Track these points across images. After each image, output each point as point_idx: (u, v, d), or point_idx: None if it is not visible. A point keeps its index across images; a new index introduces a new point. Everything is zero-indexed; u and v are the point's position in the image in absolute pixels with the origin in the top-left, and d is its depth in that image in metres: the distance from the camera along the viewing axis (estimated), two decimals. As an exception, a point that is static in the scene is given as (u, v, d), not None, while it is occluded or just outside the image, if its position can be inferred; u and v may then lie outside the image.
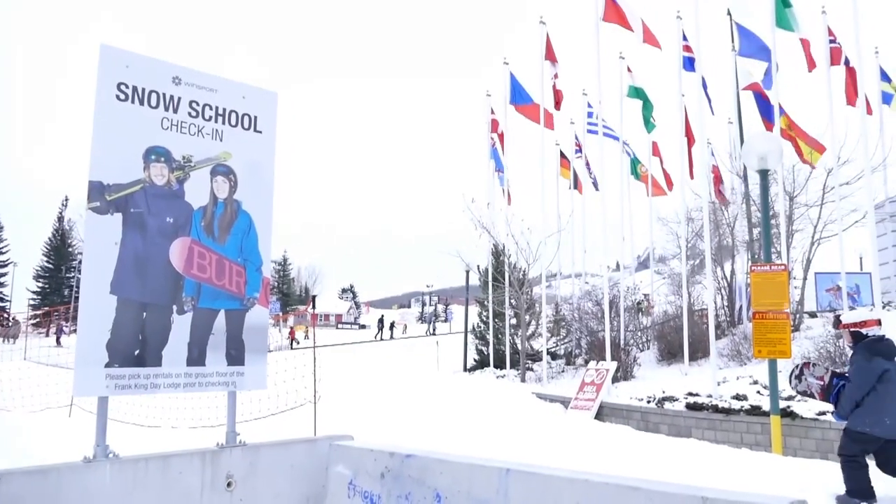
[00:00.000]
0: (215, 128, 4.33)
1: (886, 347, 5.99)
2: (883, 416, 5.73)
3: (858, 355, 6.00)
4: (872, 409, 5.77)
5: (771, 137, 8.98)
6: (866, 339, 6.02)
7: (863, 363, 5.90)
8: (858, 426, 5.84)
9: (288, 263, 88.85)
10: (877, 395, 5.78)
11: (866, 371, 5.84)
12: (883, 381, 5.78)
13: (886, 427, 5.71)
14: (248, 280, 4.38)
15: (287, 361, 11.36)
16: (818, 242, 15.86)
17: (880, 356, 5.88)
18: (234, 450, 4.06)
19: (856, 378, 5.93)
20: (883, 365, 5.81)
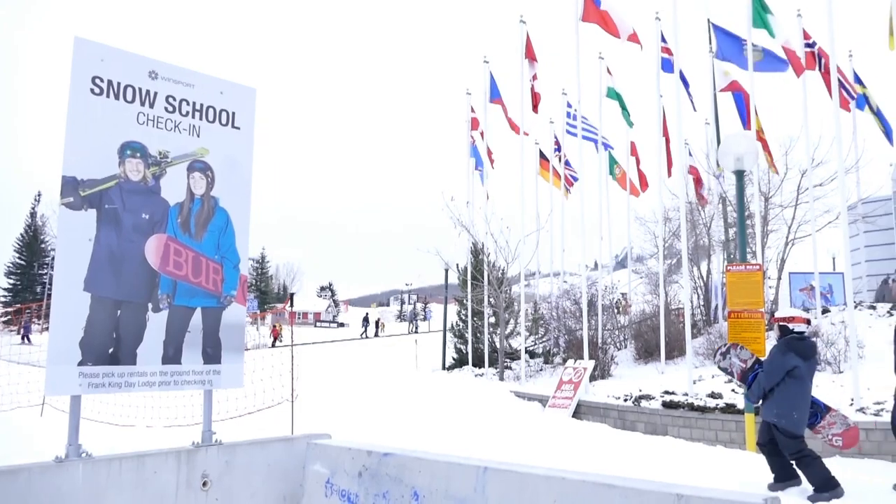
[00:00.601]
0: (192, 123, 4.28)
1: (805, 347, 6.30)
2: (791, 410, 6.08)
3: (777, 349, 6.37)
4: (780, 402, 6.13)
5: (747, 138, 9.08)
6: (790, 335, 6.34)
7: (777, 356, 6.26)
8: (771, 419, 6.19)
9: (266, 261, 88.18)
10: (785, 388, 6.14)
11: (778, 363, 6.19)
12: (792, 376, 6.12)
13: (794, 421, 6.07)
14: (225, 277, 4.34)
15: (264, 360, 11.28)
16: (792, 243, 16.10)
17: (795, 352, 6.20)
18: (210, 449, 4.03)
19: (768, 368, 6.31)
20: (794, 361, 6.14)
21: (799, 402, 6.13)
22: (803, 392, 6.19)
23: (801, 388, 6.16)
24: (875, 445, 7.61)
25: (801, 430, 6.13)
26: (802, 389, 6.18)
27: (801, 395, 6.17)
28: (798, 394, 6.14)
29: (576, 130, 16.27)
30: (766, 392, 6.26)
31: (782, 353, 6.23)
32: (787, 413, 6.09)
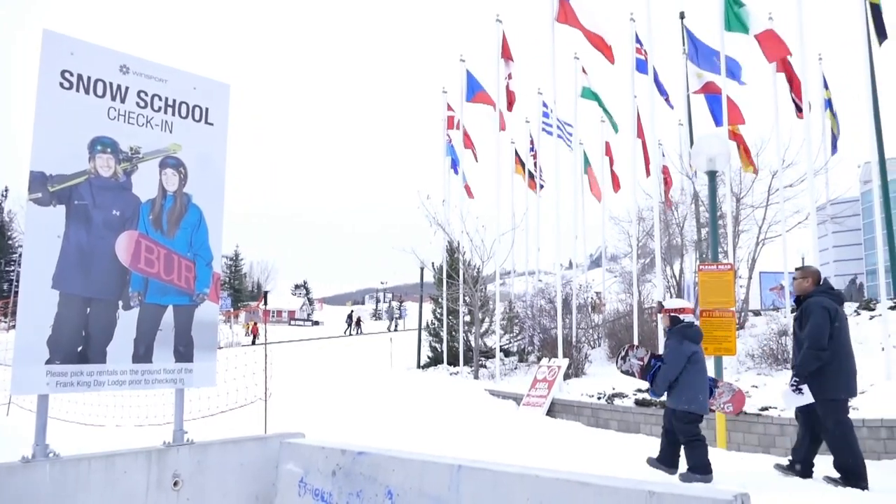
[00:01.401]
0: (165, 119, 4.22)
1: (694, 333, 6.75)
2: (697, 393, 6.46)
3: (672, 339, 6.69)
4: (687, 388, 6.47)
5: (719, 140, 9.20)
6: (680, 324, 6.70)
7: (676, 346, 6.59)
8: (681, 406, 6.48)
9: (240, 258, 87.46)
10: (688, 375, 6.49)
11: (678, 353, 6.53)
12: (692, 361, 6.50)
13: (701, 403, 6.47)
14: (197, 275, 4.29)
15: (237, 358, 11.18)
16: (763, 243, 16.35)
17: (689, 340, 6.60)
18: (182, 448, 3.98)
19: (669, 359, 6.60)
20: (692, 347, 6.55)
21: (702, 385, 6.55)
22: (703, 375, 6.60)
23: (701, 372, 6.57)
24: (841, 442, 7.75)
25: (705, 409, 6.54)
26: (702, 373, 6.58)
27: (702, 379, 6.59)
28: (700, 378, 6.55)
29: (551, 128, 16.36)
30: (671, 382, 6.57)
31: (679, 343, 6.59)
32: (695, 397, 6.46)
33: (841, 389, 6.09)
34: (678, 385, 6.51)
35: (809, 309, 6.17)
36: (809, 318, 6.13)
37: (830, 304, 6.14)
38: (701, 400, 6.48)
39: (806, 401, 6.10)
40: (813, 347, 5.99)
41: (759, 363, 11.07)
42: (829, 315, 6.04)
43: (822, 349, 5.97)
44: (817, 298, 6.20)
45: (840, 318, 6.16)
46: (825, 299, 6.18)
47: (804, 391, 6.06)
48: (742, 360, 11.17)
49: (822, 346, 5.97)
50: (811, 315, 6.11)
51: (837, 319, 6.11)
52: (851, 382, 6.16)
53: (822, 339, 5.98)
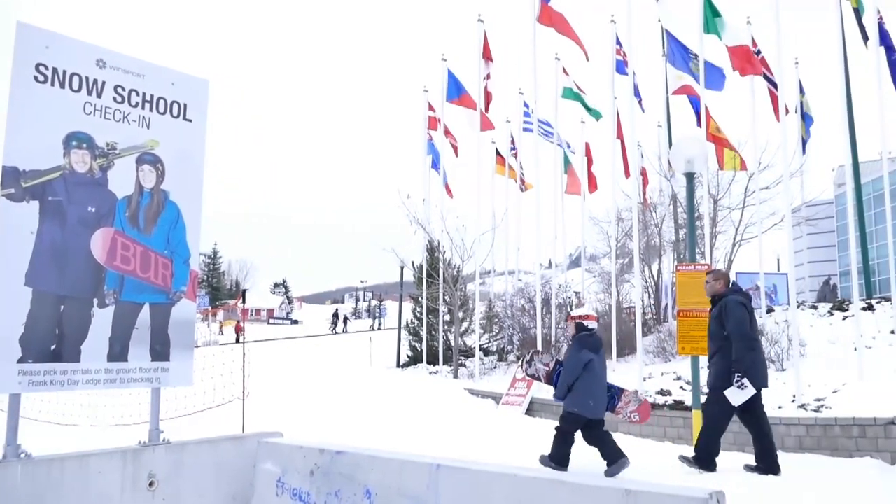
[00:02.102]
0: (142, 114, 4.18)
1: (594, 342, 7.12)
2: (588, 399, 6.83)
3: (572, 347, 7.13)
4: (580, 393, 6.86)
5: (698, 141, 9.29)
6: (582, 332, 7.11)
7: (574, 354, 7.01)
8: (571, 408, 6.90)
9: (218, 256, 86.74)
10: (583, 381, 6.86)
11: (576, 361, 6.93)
12: (588, 369, 6.88)
13: (590, 408, 6.84)
14: (174, 273, 4.25)
15: (215, 357, 11.09)
16: (739, 244, 16.54)
17: (587, 348, 6.98)
18: (158, 448, 3.94)
19: (567, 366, 7.05)
20: (589, 356, 6.92)
21: (595, 390, 6.92)
22: (598, 382, 6.98)
23: (595, 379, 6.94)
24: (815, 441, 7.87)
25: (598, 414, 6.92)
26: (596, 380, 6.96)
27: (597, 385, 6.97)
28: (593, 384, 6.92)
29: (532, 127, 16.41)
30: (570, 387, 6.93)
31: (577, 351, 6.98)
32: (585, 402, 6.83)
33: (756, 381, 6.46)
34: (573, 390, 6.92)
35: (728, 307, 6.59)
36: (730, 315, 6.54)
37: (745, 300, 6.70)
38: (591, 405, 6.85)
39: (750, 393, 6.41)
40: (742, 340, 6.42)
41: (735, 363, 11.20)
42: (746, 310, 6.56)
43: (752, 339, 6.47)
44: (733, 297, 6.69)
45: (753, 315, 6.68)
46: (740, 297, 6.72)
47: (746, 384, 6.39)
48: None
49: (751, 336, 6.47)
50: (731, 312, 6.54)
51: (751, 316, 6.63)
52: (760, 375, 6.54)
53: (746, 330, 6.46)
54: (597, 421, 6.94)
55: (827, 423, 7.85)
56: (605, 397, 7.14)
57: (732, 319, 6.52)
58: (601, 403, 7.01)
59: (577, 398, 6.87)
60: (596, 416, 6.91)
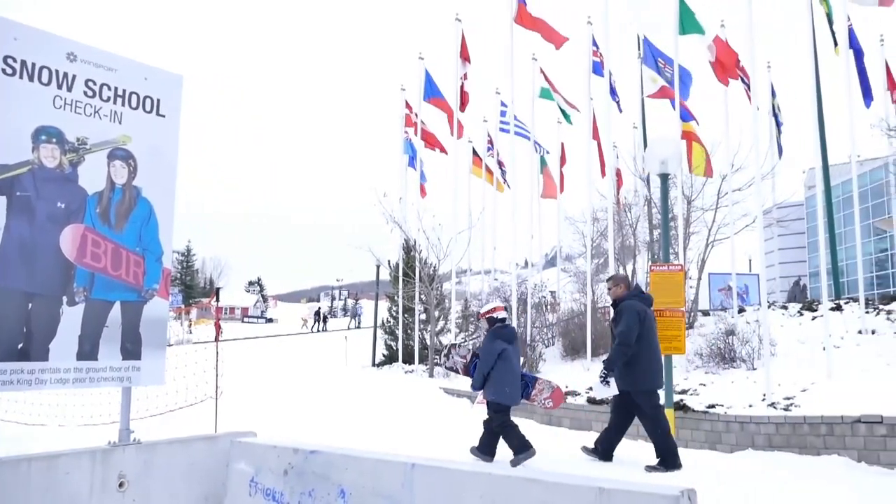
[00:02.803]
0: (114, 109, 4.11)
1: (508, 332, 7.50)
2: (504, 386, 7.20)
3: (487, 338, 7.46)
4: (496, 382, 7.21)
5: (672, 143, 9.39)
6: (496, 325, 7.46)
7: (488, 345, 7.35)
8: (492, 397, 7.24)
9: (192, 254, 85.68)
10: (498, 371, 7.21)
11: (490, 351, 7.28)
12: (502, 358, 7.22)
13: (507, 395, 7.21)
14: (146, 270, 4.19)
15: (188, 356, 10.96)
16: (712, 245, 16.73)
17: (501, 339, 7.34)
18: (128, 448, 3.88)
19: (482, 356, 7.38)
20: (502, 346, 7.27)
21: (509, 379, 7.25)
22: (512, 371, 7.31)
23: (510, 368, 7.28)
24: (784, 439, 8.00)
25: (514, 401, 7.30)
26: (511, 369, 7.30)
27: (511, 373, 7.29)
28: (508, 373, 7.25)
29: (508, 128, 16.47)
30: (486, 376, 7.26)
31: (491, 342, 7.33)
32: (501, 389, 7.18)
33: (652, 381, 6.96)
34: (490, 379, 7.24)
35: (623, 311, 6.98)
36: (621, 319, 6.93)
37: (640, 306, 7.00)
38: (507, 392, 7.20)
39: (612, 391, 6.95)
40: (622, 344, 6.83)
41: (708, 362, 11.33)
42: (638, 317, 6.88)
43: (629, 345, 6.81)
44: (630, 302, 7.02)
45: (648, 318, 7.04)
46: (636, 302, 7.03)
47: (611, 383, 6.92)
48: (691, 358, 11.42)
49: (629, 343, 6.81)
50: (623, 316, 6.92)
51: (646, 320, 6.98)
52: (658, 375, 7.07)
53: (630, 337, 6.80)
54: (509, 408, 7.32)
55: (796, 422, 7.99)
56: (520, 385, 7.50)
57: (622, 323, 6.89)
58: (516, 391, 7.37)
59: (494, 387, 7.21)
60: (512, 403, 7.29)
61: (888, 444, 7.31)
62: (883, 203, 24.23)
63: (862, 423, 7.50)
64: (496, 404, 7.22)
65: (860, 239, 12.60)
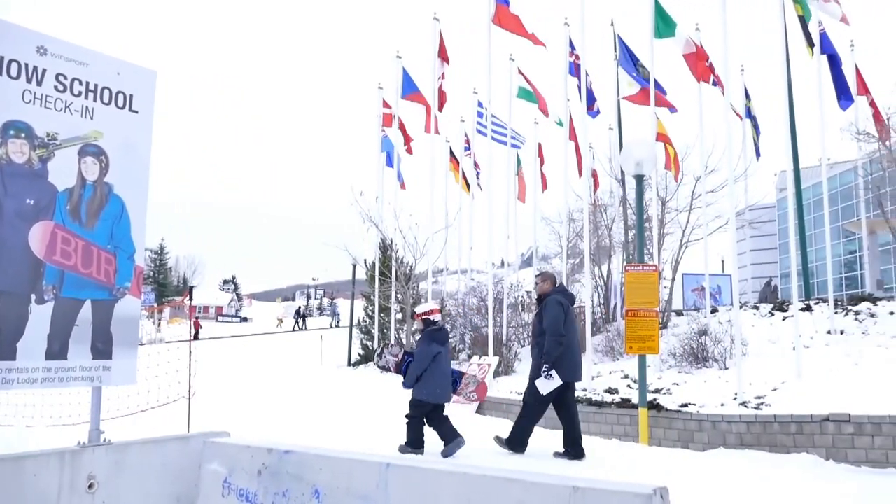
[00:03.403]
0: (85, 104, 4.04)
1: (442, 335, 7.85)
2: (436, 387, 7.55)
3: (422, 341, 7.77)
4: (428, 383, 7.54)
5: (647, 145, 9.48)
6: (431, 327, 7.77)
7: (424, 347, 7.67)
8: (419, 396, 7.57)
9: (165, 252, 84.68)
10: (431, 372, 7.56)
11: (425, 353, 7.60)
12: (435, 361, 7.57)
13: (437, 395, 7.58)
14: (118, 268, 4.13)
15: (160, 355, 10.83)
16: (686, 245, 16.95)
17: (436, 342, 7.68)
18: (98, 449, 3.82)
19: (417, 358, 7.68)
20: (437, 349, 7.63)
21: (441, 379, 7.64)
22: (444, 372, 7.70)
23: (442, 370, 7.66)
24: (755, 437, 8.12)
25: (444, 399, 7.69)
26: (443, 370, 7.68)
27: (443, 375, 7.68)
28: (440, 375, 7.64)
29: (486, 129, 16.49)
30: (419, 376, 7.59)
31: (427, 344, 7.66)
32: (433, 390, 7.54)
33: (566, 374, 7.21)
34: (422, 379, 7.57)
35: (547, 306, 7.28)
36: (547, 313, 7.21)
37: (563, 300, 7.33)
38: (438, 393, 7.60)
39: (556, 384, 7.14)
40: (554, 335, 7.09)
41: (681, 361, 11.46)
42: (562, 308, 7.20)
43: (561, 335, 7.09)
44: (553, 296, 7.33)
45: (570, 314, 7.34)
46: (560, 297, 7.35)
47: (553, 376, 7.13)
48: (664, 358, 11.54)
49: (561, 333, 7.09)
50: (548, 310, 7.21)
51: (568, 315, 7.28)
52: (576, 369, 7.40)
53: (559, 327, 7.11)
54: (440, 405, 7.69)
55: (766, 420, 8.11)
56: (450, 385, 7.89)
57: (548, 316, 7.17)
58: (446, 390, 7.77)
59: (426, 387, 7.55)
60: (442, 402, 7.68)
61: (855, 442, 7.45)
62: (852, 206, 24.70)
63: (830, 421, 7.64)
64: (421, 402, 7.58)
65: (830, 241, 12.83)
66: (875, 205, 15.53)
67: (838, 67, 13.84)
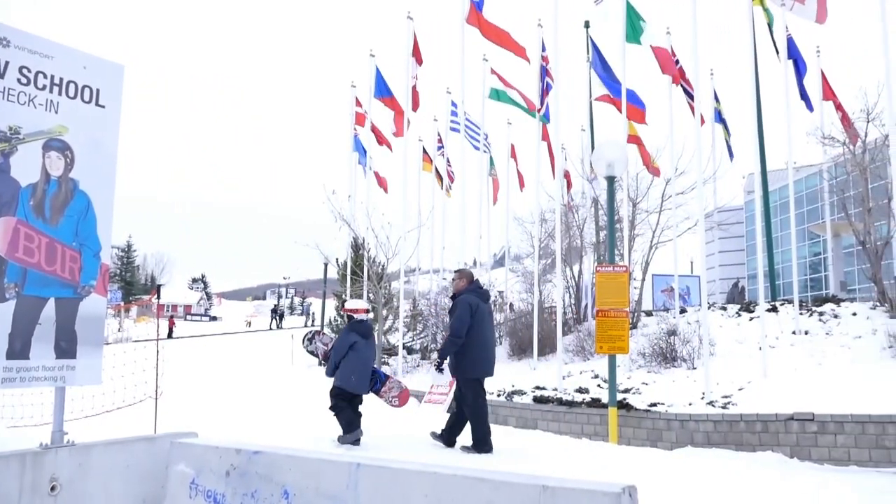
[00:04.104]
0: (50, 98, 3.96)
1: (363, 327, 8.14)
2: (350, 375, 7.80)
3: (343, 332, 8.13)
4: (344, 370, 7.80)
5: (618, 146, 9.56)
6: (353, 320, 8.14)
7: (343, 337, 7.99)
8: (338, 383, 7.82)
9: (133, 250, 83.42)
10: (349, 361, 7.83)
11: (343, 341, 7.91)
12: (353, 349, 7.83)
13: (352, 384, 7.82)
14: (83, 266, 4.05)
15: (126, 354, 10.65)
16: (656, 246, 17.11)
17: (356, 332, 7.97)
18: (61, 450, 3.74)
19: (336, 346, 8.01)
20: (355, 338, 7.89)
21: (358, 368, 7.86)
22: (362, 361, 7.94)
23: (360, 359, 7.90)
24: (722, 436, 8.25)
25: (360, 390, 7.92)
26: (361, 359, 7.92)
27: (361, 364, 7.91)
28: (357, 363, 7.86)
29: (459, 127, 16.51)
30: (337, 365, 7.85)
31: (346, 334, 7.98)
32: (348, 378, 7.79)
33: (478, 371, 7.43)
34: (340, 367, 7.82)
35: (457, 304, 7.46)
36: (455, 311, 7.42)
37: (474, 300, 7.44)
38: (353, 381, 7.80)
39: (446, 378, 7.54)
40: (452, 335, 7.33)
41: (650, 361, 11.59)
42: (470, 309, 7.34)
43: (459, 337, 7.28)
44: (465, 296, 7.48)
45: (480, 312, 7.46)
46: (471, 296, 7.47)
47: (444, 371, 7.44)
48: (634, 358, 11.66)
49: (459, 335, 7.28)
50: (457, 309, 7.41)
51: (478, 313, 7.40)
52: (487, 366, 7.55)
53: (461, 329, 7.27)
54: (357, 396, 7.94)
55: (733, 420, 8.24)
56: (368, 377, 8.07)
57: (455, 316, 7.41)
58: (363, 382, 7.95)
59: (342, 375, 7.79)
60: (357, 392, 7.86)
61: (819, 440, 7.61)
62: (817, 208, 25.19)
63: (795, 420, 7.78)
64: (339, 389, 7.80)
65: (795, 243, 13.06)
66: (839, 208, 15.85)
67: (801, 73, 14.12)
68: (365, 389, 8.04)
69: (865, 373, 9.20)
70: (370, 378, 8.21)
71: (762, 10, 12.85)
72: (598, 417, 9.44)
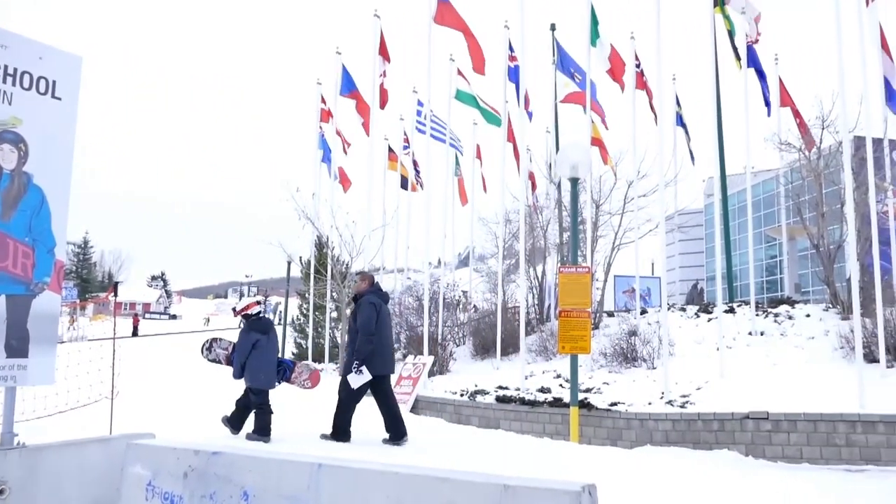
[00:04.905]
0: (3, 89, 3.85)
1: (262, 324, 8.21)
2: (259, 373, 7.87)
3: (242, 332, 8.17)
4: (252, 370, 7.86)
5: (582, 149, 9.66)
6: (251, 319, 8.15)
7: (243, 337, 8.05)
8: (250, 383, 7.89)
9: (89, 246, 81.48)
10: (254, 359, 7.88)
11: (245, 341, 7.96)
12: (256, 348, 7.90)
13: (262, 381, 7.89)
14: (36, 262, 3.94)
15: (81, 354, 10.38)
16: (618, 248, 17.34)
17: (255, 330, 8.03)
18: (10, 453, 3.63)
19: (238, 348, 8.10)
20: (256, 337, 7.96)
21: (264, 366, 7.94)
22: (267, 358, 8.02)
23: (264, 356, 7.97)
24: (680, 435, 8.40)
25: (269, 385, 8.01)
26: (266, 356, 7.99)
27: (266, 361, 7.99)
28: (263, 360, 7.94)
29: (424, 127, 16.48)
30: (243, 365, 7.89)
31: (246, 334, 8.03)
32: (257, 376, 7.83)
33: (378, 368, 7.66)
34: (247, 367, 7.86)
35: (361, 305, 7.71)
36: (360, 312, 7.63)
37: (377, 300, 7.78)
38: (262, 378, 7.87)
39: (366, 378, 7.57)
40: (365, 334, 7.53)
41: (611, 361, 11.73)
42: (375, 309, 7.63)
43: (372, 334, 7.54)
44: (367, 297, 7.78)
45: (383, 312, 7.79)
46: (374, 297, 7.80)
47: (364, 371, 7.55)
48: (596, 358, 11.79)
49: (371, 332, 7.54)
50: (362, 309, 7.64)
51: (381, 314, 7.71)
52: (386, 363, 7.84)
53: (371, 327, 7.54)
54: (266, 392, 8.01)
55: (691, 419, 8.40)
56: (275, 372, 8.17)
57: (362, 316, 7.60)
58: (271, 376, 8.05)
59: (251, 374, 7.83)
60: (267, 387, 7.99)
61: (773, 438, 7.80)
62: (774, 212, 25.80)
63: (750, 419, 7.97)
64: (254, 389, 7.86)
65: (752, 246, 13.36)
66: (794, 212, 16.26)
67: (763, 78, 14.45)
68: (273, 384, 8.14)
69: (818, 373, 9.45)
70: (277, 371, 8.32)
71: (724, 20, 13.12)
72: (560, 417, 9.52)
